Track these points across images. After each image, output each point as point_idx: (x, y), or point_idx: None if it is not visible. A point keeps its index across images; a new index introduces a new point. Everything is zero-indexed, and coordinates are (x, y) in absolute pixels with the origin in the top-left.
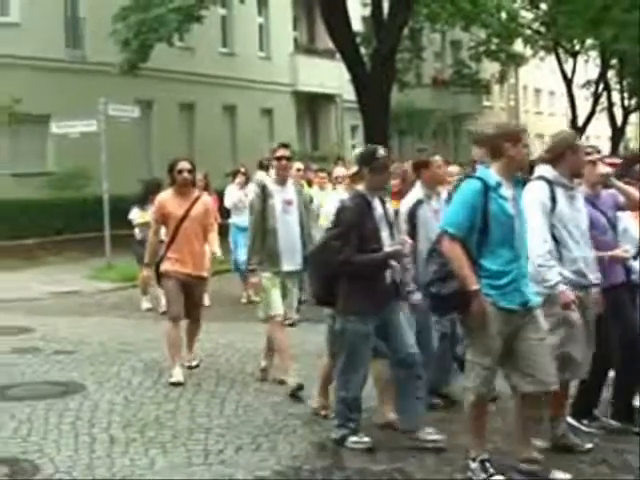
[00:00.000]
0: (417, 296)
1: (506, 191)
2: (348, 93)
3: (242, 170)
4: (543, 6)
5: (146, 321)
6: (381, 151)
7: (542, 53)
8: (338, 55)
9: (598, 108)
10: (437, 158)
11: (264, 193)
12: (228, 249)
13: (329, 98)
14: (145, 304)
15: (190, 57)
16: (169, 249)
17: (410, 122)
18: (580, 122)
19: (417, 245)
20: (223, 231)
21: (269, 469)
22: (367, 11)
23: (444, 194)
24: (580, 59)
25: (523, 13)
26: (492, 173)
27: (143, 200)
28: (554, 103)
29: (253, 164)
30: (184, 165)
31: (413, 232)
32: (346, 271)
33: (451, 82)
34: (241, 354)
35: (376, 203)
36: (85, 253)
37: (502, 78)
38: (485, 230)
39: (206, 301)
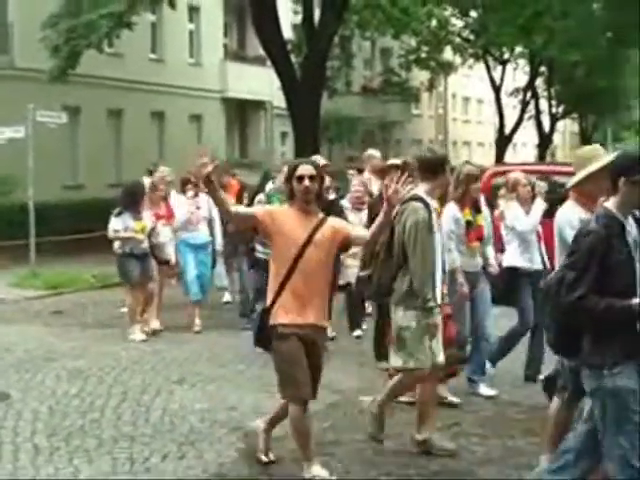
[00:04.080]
0: None
1: None
2: (278, 100)
3: (192, 180)
4: (473, 14)
5: (71, 329)
6: None
7: (471, 61)
8: (268, 62)
9: (526, 116)
10: None
11: (428, 208)
12: None
13: (259, 105)
14: (138, 334)
15: (119, 63)
16: (283, 289)
17: (339, 130)
18: (508, 130)
19: None
20: None
21: (195, 477)
22: (298, 19)
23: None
24: (509, 67)
25: (453, 21)
26: None
27: (129, 207)
28: (482, 111)
29: (181, 172)
30: (306, 169)
31: None
32: (580, 313)
33: (380, 90)
34: (167, 362)
35: (630, 225)
36: (9, 261)
37: (431, 86)
38: None
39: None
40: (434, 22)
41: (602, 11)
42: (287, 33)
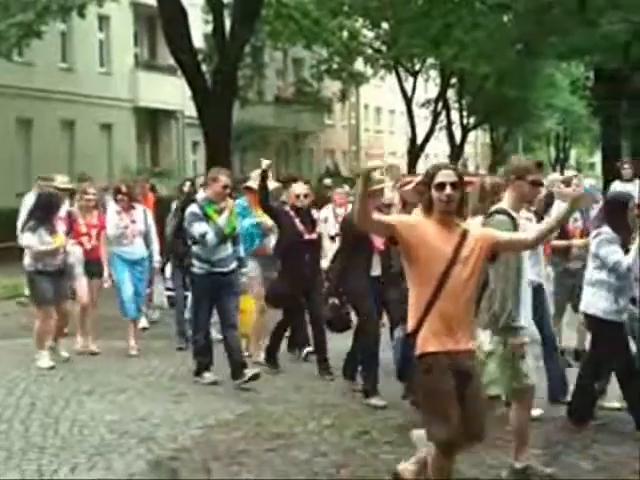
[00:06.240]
0: None
1: None
2: (189, 109)
3: (123, 189)
4: (384, 25)
5: None
6: None
7: (383, 72)
8: (179, 71)
9: (437, 126)
10: None
11: (514, 222)
12: None
13: (170, 114)
14: (46, 361)
15: (28, 72)
16: (429, 312)
17: (252, 139)
18: (419, 140)
19: None
20: None
21: None
22: (209, 28)
23: None
24: (420, 78)
25: (364, 32)
26: None
27: (45, 221)
28: (394, 122)
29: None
30: (447, 175)
31: None
32: None
33: (293, 100)
34: (76, 373)
35: None
36: None
37: (343, 97)
38: None
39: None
40: (345, 33)
41: (512, 23)
42: (198, 42)
